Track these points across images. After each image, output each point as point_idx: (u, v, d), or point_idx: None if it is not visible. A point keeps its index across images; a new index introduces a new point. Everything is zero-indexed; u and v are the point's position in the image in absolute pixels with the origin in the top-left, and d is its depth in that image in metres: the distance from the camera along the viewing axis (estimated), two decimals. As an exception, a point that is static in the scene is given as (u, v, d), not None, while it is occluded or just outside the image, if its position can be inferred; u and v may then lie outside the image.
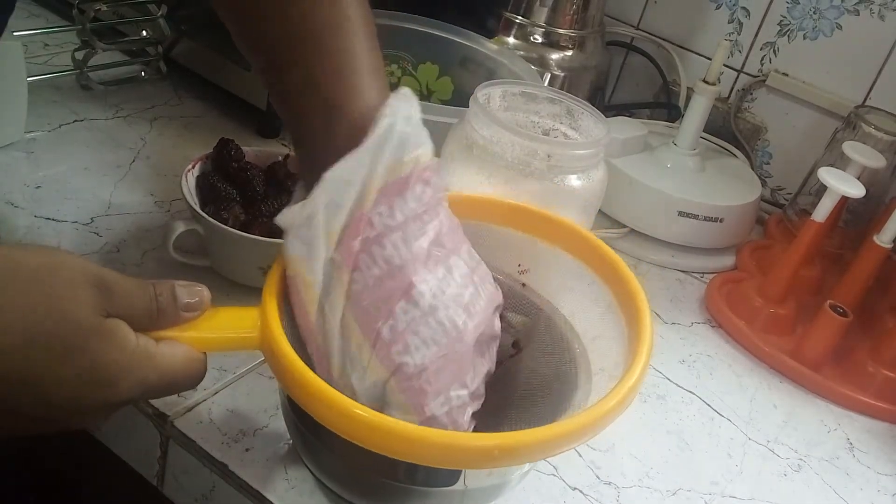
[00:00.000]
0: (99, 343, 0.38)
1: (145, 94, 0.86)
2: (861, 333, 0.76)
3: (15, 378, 0.36)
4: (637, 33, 1.06)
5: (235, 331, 0.44)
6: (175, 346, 0.41)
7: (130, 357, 0.39)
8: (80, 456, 0.66)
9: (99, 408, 0.40)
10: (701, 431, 0.65)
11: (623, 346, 0.47)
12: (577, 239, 0.53)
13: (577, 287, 0.52)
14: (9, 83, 0.71)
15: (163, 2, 0.85)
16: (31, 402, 0.38)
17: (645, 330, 0.46)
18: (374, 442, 0.40)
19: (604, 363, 0.49)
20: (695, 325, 0.78)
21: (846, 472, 0.65)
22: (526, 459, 0.44)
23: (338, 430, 0.40)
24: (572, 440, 0.41)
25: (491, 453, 0.40)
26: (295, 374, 0.41)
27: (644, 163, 0.87)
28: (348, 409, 0.39)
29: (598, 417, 0.42)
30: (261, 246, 0.59)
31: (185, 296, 0.42)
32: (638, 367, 0.44)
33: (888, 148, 0.83)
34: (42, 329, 0.36)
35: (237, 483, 0.51)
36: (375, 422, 0.39)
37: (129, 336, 0.39)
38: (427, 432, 0.40)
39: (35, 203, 0.68)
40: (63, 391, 0.38)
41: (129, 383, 0.39)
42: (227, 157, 0.66)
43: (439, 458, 0.41)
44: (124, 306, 0.39)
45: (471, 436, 0.40)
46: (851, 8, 0.92)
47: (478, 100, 0.60)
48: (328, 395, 0.40)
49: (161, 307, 0.41)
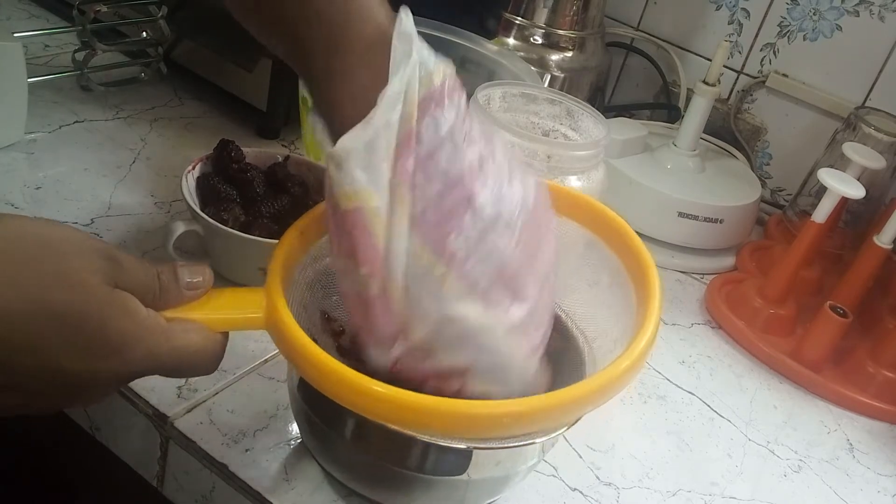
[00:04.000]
0: (111, 311, 0.38)
1: (145, 95, 0.86)
2: (861, 334, 0.76)
3: (27, 346, 0.36)
4: (637, 34, 1.06)
5: (241, 311, 0.43)
6: (188, 325, 0.41)
7: (141, 326, 0.39)
8: (80, 456, 0.66)
9: (109, 378, 0.39)
10: (701, 432, 0.65)
11: (631, 317, 0.47)
12: (583, 208, 0.53)
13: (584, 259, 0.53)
14: (9, 84, 0.71)
15: (163, 3, 0.85)
16: (42, 371, 0.37)
17: (653, 299, 0.46)
18: (387, 414, 0.40)
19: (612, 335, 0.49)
20: (695, 326, 0.78)
21: (846, 472, 0.65)
22: (536, 426, 0.44)
23: (349, 404, 0.40)
24: (582, 405, 0.42)
25: (501, 420, 0.40)
26: (304, 352, 0.40)
27: (644, 164, 0.88)
28: (360, 384, 0.39)
29: (603, 383, 0.42)
30: (261, 246, 0.59)
31: (187, 275, 0.42)
32: (645, 335, 0.44)
33: (888, 149, 0.83)
34: (54, 297, 0.36)
35: (237, 484, 0.51)
36: (387, 395, 0.39)
37: (139, 308, 0.39)
38: (438, 402, 0.40)
39: (35, 204, 0.68)
40: (74, 360, 0.37)
41: (140, 353, 0.39)
42: (228, 157, 0.66)
43: (450, 427, 0.40)
44: (131, 280, 0.39)
45: (481, 403, 0.40)
46: (851, 9, 0.92)
47: (478, 101, 0.60)
48: (339, 371, 0.39)
49: (163, 285, 0.41)
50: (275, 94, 0.81)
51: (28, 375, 0.37)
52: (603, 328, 0.51)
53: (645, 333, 0.44)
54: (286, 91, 0.81)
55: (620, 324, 0.49)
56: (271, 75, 0.80)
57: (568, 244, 0.53)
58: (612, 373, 0.42)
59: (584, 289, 0.53)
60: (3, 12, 0.93)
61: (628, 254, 0.50)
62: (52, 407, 0.40)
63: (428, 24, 0.83)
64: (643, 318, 0.45)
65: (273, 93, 0.81)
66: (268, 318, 0.43)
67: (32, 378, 0.37)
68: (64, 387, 0.38)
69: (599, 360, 0.50)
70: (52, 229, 0.38)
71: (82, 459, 0.67)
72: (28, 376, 0.37)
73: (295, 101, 0.80)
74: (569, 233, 0.53)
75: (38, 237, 0.37)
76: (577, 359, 0.51)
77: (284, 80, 0.80)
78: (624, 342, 0.46)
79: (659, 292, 0.46)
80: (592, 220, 0.52)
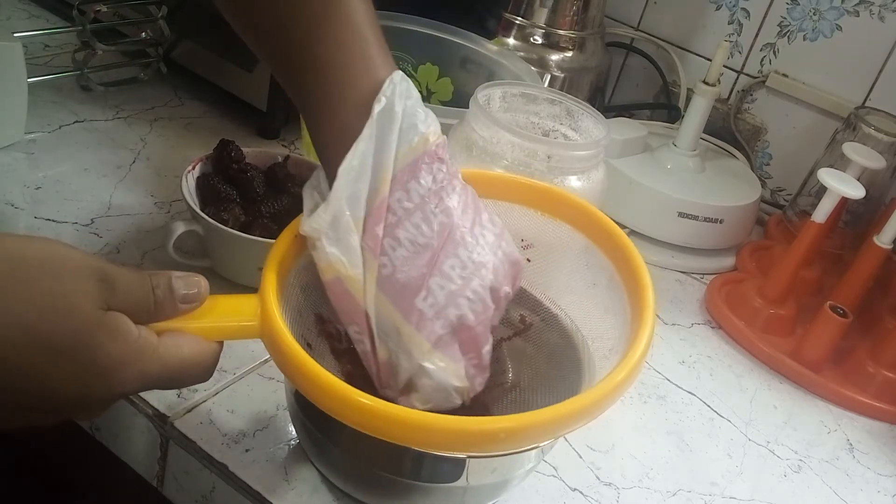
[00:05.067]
0: (102, 336, 0.38)
1: (145, 95, 0.86)
2: (861, 334, 0.76)
3: (21, 373, 0.36)
4: (637, 34, 1.06)
5: (235, 320, 0.43)
6: (180, 338, 0.41)
7: (132, 348, 0.39)
8: (80, 456, 0.66)
9: (101, 399, 0.40)
10: (701, 432, 0.65)
11: (626, 325, 0.47)
12: (580, 213, 0.53)
13: (582, 261, 0.53)
14: (9, 84, 0.71)
15: (163, 3, 0.85)
16: (35, 395, 0.38)
17: (647, 310, 0.46)
18: (378, 428, 0.40)
19: (607, 339, 0.49)
20: (695, 326, 0.78)
21: (846, 472, 0.65)
22: (531, 441, 0.44)
23: (341, 417, 0.40)
24: (575, 421, 0.42)
25: (496, 436, 0.40)
26: (296, 362, 0.40)
27: (644, 164, 0.88)
28: (350, 397, 0.39)
29: (597, 398, 0.42)
30: (261, 246, 0.59)
31: (183, 287, 0.42)
32: (638, 350, 0.44)
33: (888, 149, 0.83)
34: (47, 324, 0.36)
35: (237, 484, 0.51)
36: (378, 409, 0.39)
37: (130, 329, 0.39)
38: (431, 418, 0.40)
39: (35, 204, 0.68)
40: (68, 384, 0.38)
41: (130, 375, 0.39)
42: (228, 157, 0.66)
43: (444, 444, 0.41)
44: (125, 300, 0.39)
45: (476, 420, 0.40)
46: (851, 9, 0.92)
47: (478, 101, 0.60)
48: (329, 383, 0.39)
49: (158, 300, 0.41)
50: (275, 94, 0.81)
51: (22, 396, 0.38)
52: (600, 330, 0.51)
53: (639, 344, 0.44)
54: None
55: (616, 328, 0.48)
56: (271, 75, 0.80)
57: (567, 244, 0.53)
58: (606, 387, 0.42)
59: (582, 290, 0.53)
60: (3, 12, 0.93)
61: (622, 261, 0.50)
62: (47, 422, 0.40)
63: (428, 24, 0.83)
64: (638, 326, 0.45)
65: (273, 93, 0.81)
66: (262, 327, 0.43)
67: (27, 397, 0.38)
68: (58, 406, 0.39)
69: (597, 362, 0.49)
70: (44, 251, 0.38)
71: (82, 459, 0.67)
72: (22, 397, 0.38)
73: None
74: (566, 235, 0.53)
75: (31, 262, 0.37)
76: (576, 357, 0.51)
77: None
78: (620, 348, 0.46)
79: (652, 299, 0.46)
80: (588, 226, 0.52)
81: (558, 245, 0.53)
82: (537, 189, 0.54)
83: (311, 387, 0.40)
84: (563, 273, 0.54)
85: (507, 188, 0.54)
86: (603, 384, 0.42)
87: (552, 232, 0.53)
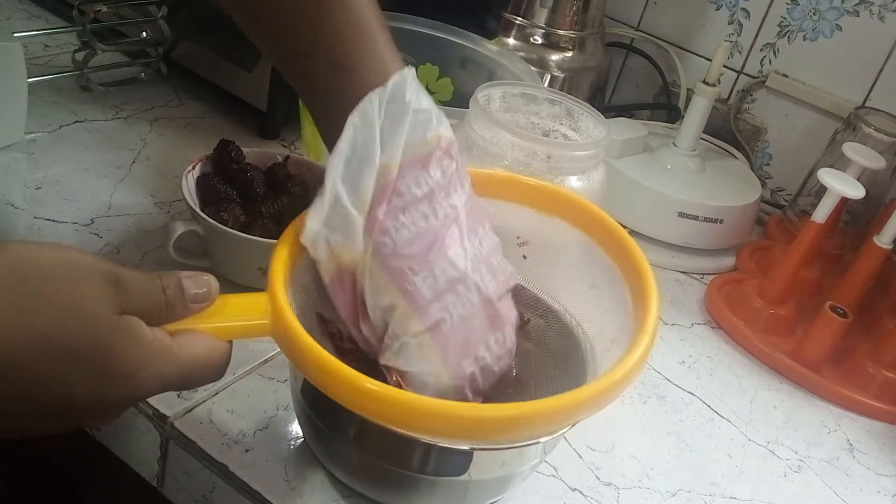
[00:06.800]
0: (118, 340, 0.38)
1: (145, 95, 0.86)
2: (861, 334, 0.76)
3: (39, 381, 0.36)
4: (637, 34, 1.06)
5: (246, 318, 0.43)
6: (193, 338, 0.41)
7: (147, 351, 0.39)
8: (81, 456, 0.66)
9: (117, 404, 0.40)
10: (701, 432, 0.65)
11: (628, 318, 0.48)
12: (577, 209, 0.53)
13: (580, 258, 0.53)
14: (9, 84, 0.71)
15: (163, 3, 0.85)
16: (55, 403, 0.37)
17: (651, 301, 0.46)
18: (391, 416, 0.40)
19: (609, 335, 0.50)
20: (695, 326, 0.78)
21: (846, 472, 0.65)
22: (541, 430, 0.44)
23: (355, 407, 0.40)
24: (581, 411, 0.42)
25: (500, 423, 0.40)
26: (310, 356, 0.40)
27: (644, 164, 0.88)
28: (365, 387, 0.39)
29: (602, 389, 0.42)
30: (261, 246, 0.59)
31: (193, 287, 0.42)
32: (643, 343, 0.44)
33: (888, 149, 0.83)
34: (66, 332, 0.36)
35: (237, 484, 0.51)
36: (393, 397, 0.39)
37: (145, 332, 0.39)
38: (443, 405, 0.40)
39: (35, 204, 0.68)
40: (86, 391, 0.38)
41: (148, 378, 0.39)
42: (228, 157, 0.66)
43: (453, 430, 0.41)
44: (137, 302, 0.39)
45: (482, 407, 0.40)
46: (851, 9, 0.92)
47: (478, 101, 0.60)
48: (345, 373, 0.39)
49: (169, 301, 0.41)
50: (275, 94, 0.81)
51: (42, 406, 0.37)
52: (602, 328, 0.51)
53: (645, 337, 0.44)
54: (286, 91, 0.81)
55: (619, 325, 0.49)
56: (271, 75, 0.80)
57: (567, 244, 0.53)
58: (612, 378, 0.42)
59: (584, 290, 0.53)
60: (3, 12, 0.93)
61: (624, 259, 0.50)
62: (63, 429, 0.40)
63: (428, 24, 0.83)
64: (641, 320, 0.46)
65: (273, 93, 0.81)
66: (274, 324, 0.43)
67: (46, 407, 0.38)
68: (76, 413, 0.39)
69: (599, 359, 0.50)
70: (56, 258, 0.38)
71: (82, 459, 0.67)
72: (40, 405, 0.37)
73: (295, 101, 0.80)
74: (567, 235, 0.53)
75: (44, 269, 0.37)
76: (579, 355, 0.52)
77: (284, 80, 0.80)
78: (623, 342, 0.46)
79: (656, 295, 0.47)
80: (590, 224, 0.52)
81: (557, 242, 0.53)
82: (538, 188, 0.54)
83: (327, 379, 0.40)
84: (562, 270, 0.54)
85: (502, 185, 0.54)
86: (613, 371, 0.42)
87: (551, 229, 0.53)
